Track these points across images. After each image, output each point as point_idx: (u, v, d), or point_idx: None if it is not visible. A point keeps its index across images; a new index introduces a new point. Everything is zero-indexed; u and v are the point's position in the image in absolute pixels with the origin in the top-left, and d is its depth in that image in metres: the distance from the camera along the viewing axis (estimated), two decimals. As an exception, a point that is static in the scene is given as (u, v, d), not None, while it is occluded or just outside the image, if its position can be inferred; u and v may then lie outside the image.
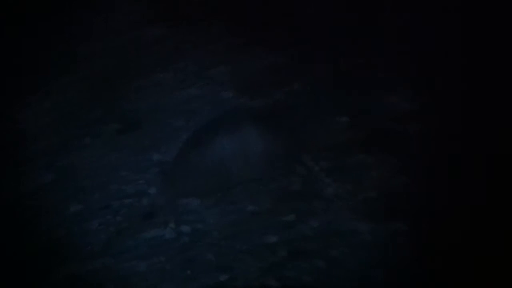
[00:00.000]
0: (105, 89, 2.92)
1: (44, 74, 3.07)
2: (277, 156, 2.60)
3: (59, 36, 3.18)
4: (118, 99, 2.91)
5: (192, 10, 3.44)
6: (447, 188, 2.38)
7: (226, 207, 2.46)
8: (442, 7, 2.95)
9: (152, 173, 2.56)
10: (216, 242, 2.36)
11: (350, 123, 2.81)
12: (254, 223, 2.42)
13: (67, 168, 2.59)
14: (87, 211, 2.44)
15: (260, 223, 2.42)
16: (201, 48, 3.20)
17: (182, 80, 3.04)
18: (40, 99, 2.86)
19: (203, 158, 2.43)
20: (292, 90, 2.97)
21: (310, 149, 2.71)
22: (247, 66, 3.10)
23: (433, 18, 2.96)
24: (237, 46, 3.20)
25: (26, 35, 3.28)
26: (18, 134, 2.75)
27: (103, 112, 2.84)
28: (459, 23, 2.89)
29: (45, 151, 2.65)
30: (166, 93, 2.96)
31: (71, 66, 3.04)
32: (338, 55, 3.09)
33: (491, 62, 2.75)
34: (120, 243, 2.34)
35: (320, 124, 2.80)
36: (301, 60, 3.12)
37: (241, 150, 2.43)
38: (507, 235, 2.10)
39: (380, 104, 2.88)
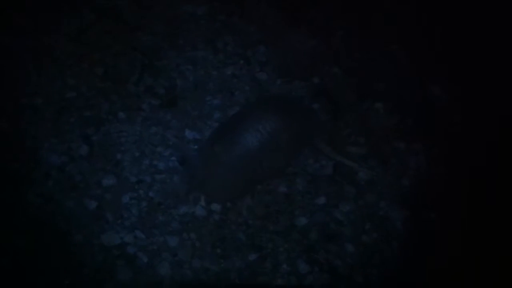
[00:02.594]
0: (144, 65, 2.93)
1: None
2: (309, 141, 2.60)
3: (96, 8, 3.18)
4: (156, 75, 2.91)
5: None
6: (486, 181, 2.36)
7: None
8: None
9: (185, 150, 2.57)
10: (247, 222, 2.39)
11: (386, 110, 2.80)
12: (286, 205, 2.43)
13: (102, 142, 2.61)
14: (119, 184, 2.46)
15: (292, 204, 2.44)
16: (242, 28, 3.19)
17: (221, 59, 3.03)
18: (80, 72, 2.88)
19: (231, 148, 2.39)
20: (330, 74, 2.95)
21: (344, 134, 2.71)
22: (287, 48, 3.08)
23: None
24: (279, 28, 3.18)
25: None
26: (58, 104, 2.77)
27: (141, 88, 2.85)
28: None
29: (81, 123, 2.67)
30: (205, 72, 2.96)
31: (107, 41, 3.05)
32: (378, 42, 3.06)
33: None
34: (151, 218, 2.36)
35: (355, 109, 2.80)
36: (342, 46, 3.10)
37: (272, 133, 2.39)
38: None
39: (418, 92, 2.86)
